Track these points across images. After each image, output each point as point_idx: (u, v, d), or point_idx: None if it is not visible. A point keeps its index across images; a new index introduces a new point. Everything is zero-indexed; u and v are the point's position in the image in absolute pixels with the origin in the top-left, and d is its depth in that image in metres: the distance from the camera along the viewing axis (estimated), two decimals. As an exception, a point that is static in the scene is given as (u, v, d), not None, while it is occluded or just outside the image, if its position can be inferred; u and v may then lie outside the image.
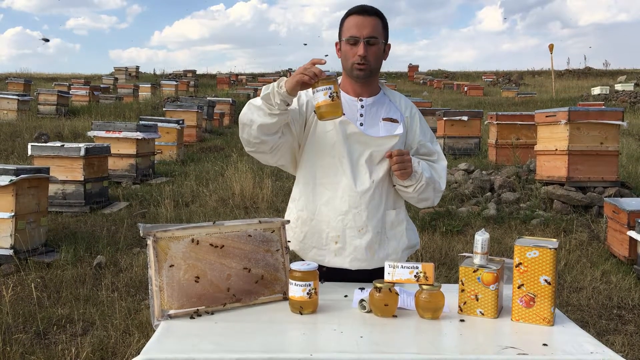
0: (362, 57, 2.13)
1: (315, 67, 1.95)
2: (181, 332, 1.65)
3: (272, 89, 2.03)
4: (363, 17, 2.15)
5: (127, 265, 5.16)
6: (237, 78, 32.75)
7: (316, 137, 2.20)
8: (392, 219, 2.24)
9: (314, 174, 2.23)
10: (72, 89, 20.90)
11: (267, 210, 7.08)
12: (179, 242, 1.82)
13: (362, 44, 2.13)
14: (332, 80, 1.95)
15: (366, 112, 2.22)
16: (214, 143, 13.31)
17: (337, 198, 2.19)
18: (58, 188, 6.96)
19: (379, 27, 2.16)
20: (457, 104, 20.83)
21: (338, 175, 2.18)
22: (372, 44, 2.14)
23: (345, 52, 2.18)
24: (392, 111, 2.25)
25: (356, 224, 2.18)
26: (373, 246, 2.20)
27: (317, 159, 2.21)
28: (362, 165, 2.18)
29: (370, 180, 2.18)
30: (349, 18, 2.18)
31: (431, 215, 6.65)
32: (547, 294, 1.74)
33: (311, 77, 1.94)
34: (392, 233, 2.24)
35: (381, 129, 2.20)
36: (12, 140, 12.06)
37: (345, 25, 2.19)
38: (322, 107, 1.96)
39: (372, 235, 2.19)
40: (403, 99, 2.33)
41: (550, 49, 23.58)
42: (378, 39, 2.15)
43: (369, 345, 1.58)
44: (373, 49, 2.15)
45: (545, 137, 7.43)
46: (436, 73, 37.38)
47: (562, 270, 5.10)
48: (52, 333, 3.80)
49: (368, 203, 2.18)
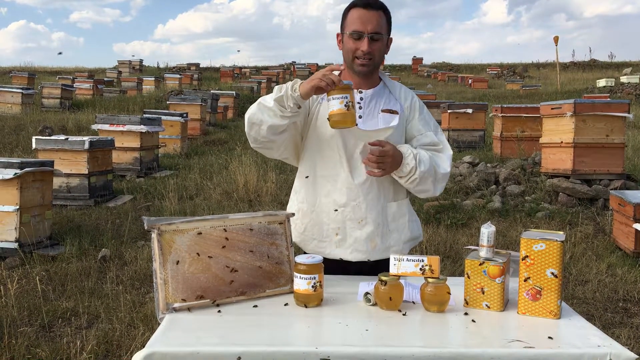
0: (366, 53, 2.11)
1: (333, 75, 1.94)
2: (186, 325, 1.65)
3: (286, 92, 2.02)
4: (367, 11, 2.11)
5: (131, 258, 5.17)
6: (241, 71, 32.70)
7: (317, 129, 2.20)
8: (393, 210, 2.24)
9: (314, 166, 2.23)
10: (76, 83, 20.90)
11: (272, 203, 7.07)
12: (184, 235, 1.81)
13: (366, 39, 2.10)
14: (348, 89, 1.92)
15: (365, 104, 2.21)
16: (217, 136, 13.30)
17: (336, 190, 2.19)
18: (62, 181, 6.97)
19: (383, 21, 2.13)
20: (462, 97, 20.75)
21: (337, 168, 2.19)
22: (376, 39, 2.12)
23: (348, 45, 2.15)
24: (391, 102, 2.24)
25: (355, 215, 2.18)
26: (374, 238, 2.19)
27: (317, 151, 2.22)
28: (357, 158, 2.18)
29: (366, 173, 2.17)
30: (353, 10, 2.14)
31: (436, 208, 6.63)
32: (553, 286, 1.73)
33: (329, 84, 1.93)
34: (394, 225, 2.23)
35: (380, 120, 2.19)
36: (16, 133, 12.08)
37: (348, 18, 2.15)
38: (336, 116, 1.93)
39: (372, 227, 2.18)
40: (403, 89, 2.31)
41: (555, 41, 23.44)
42: (382, 34, 2.13)
43: (374, 339, 1.58)
44: (377, 45, 2.13)
45: (550, 130, 7.40)
46: (440, 66, 37.21)
47: (567, 263, 5.08)
48: (57, 326, 3.81)
49: (366, 195, 2.17)
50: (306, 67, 32.05)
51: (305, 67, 32.03)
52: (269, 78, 24.72)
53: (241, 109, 18.05)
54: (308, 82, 1.98)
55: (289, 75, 31.36)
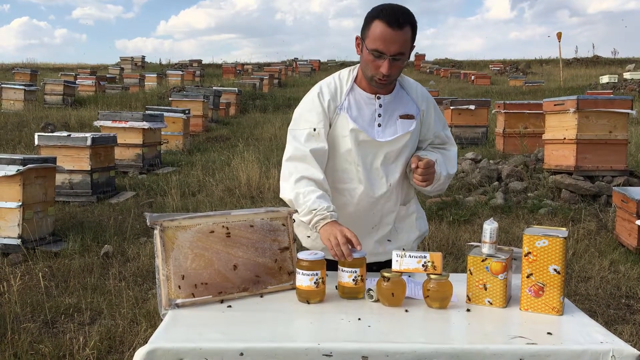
0: (385, 74, 2.00)
1: (345, 248, 1.84)
2: (188, 321, 1.65)
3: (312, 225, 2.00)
4: (393, 31, 1.94)
5: (134, 254, 5.17)
6: (243, 68, 32.68)
7: (335, 140, 2.15)
8: (402, 213, 2.25)
9: (331, 177, 2.18)
10: (79, 79, 20.94)
11: (274, 200, 7.07)
12: (186, 231, 1.81)
13: (387, 61, 1.97)
14: (360, 264, 1.85)
15: (384, 111, 2.15)
16: (220, 133, 13.30)
17: (352, 205, 2.17)
18: (65, 178, 6.98)
19: (407, 40, 1.98)
20: (464, 93, 20.70)
21: (354, 182, 2.15)
22: (398, 59, 1.99)
23: (367, 60, 2.02)
24: (408, 106, 2.19)
25: (369, 223, 2.18)
26: (383, 241, 2.20)
27: (334, 163, 2.17)
28: (376, 169, 2.15)
29: (387, 184, 2.16)
30: (377, 23, 1.96)
31: (438, 205, 6.63)
32: (556, 283, 1.72)
33: (340, 256, 1.86)
34: (401, 226, 2.24)
35: (398, 127, 2.15)
36: (19, 130, 12.10)
37: (372, 30, 1.97)
38: (345, 289, 1.87)
39: (385, 231, 2.20)
40: (419, 89, 2.25)
41: (558, 37, 23.38)
42: (405, 54, 2.00)
43: (377, 335, 1.58)
44: (397, 64, 2.01)
45: (553, 126, 7.38)
46: (443, 62, 37.18)
47: (570, 260, 5.07)
48: (60, 322, 3.82)
49: (384, 205, 2.18)
50: (308, 63, 32.04)
51: (307, 63, 32.02)
52: (271, 74, 24.70)
53: (243, 106, 18.06)
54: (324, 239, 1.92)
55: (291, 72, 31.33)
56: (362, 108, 2.14)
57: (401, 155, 2.17)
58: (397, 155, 2.16)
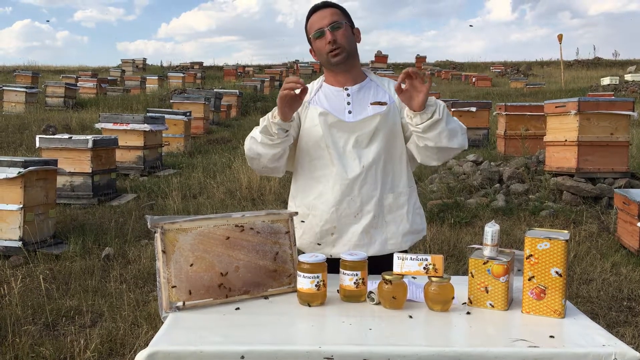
0: (332, 42, 2.16)
1: (291, 78, 1.99)
2: (189, 324, 1.65)
3: (268, 121, 2.08)
4: (320, 11, 2.21)
5: (135, 257, 5.17)
6: (244, 70, 32.71)
7: (306, 132, 2.22)
8: (390, 202, 2.22)
9: (306, 168, 2.25)
10: (80, 81, 20.96)
11: (275, 202, 7.07)
12: (187, 234, 1.81)
13: (328, 32, 2.17)
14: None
15: (353, 99, 2.23)
16: (221, 135, 13.31)
17: (328, 189, 2.19)
18: (66, 180, 6.98)
19: (338, 13, 2.22)
20: (465, 95, 20.71)
21: (328, 167, 2.20)
22: (337, 27, 2.18)
23: (317, 48, 2.22)
24: (379, 94, 2.25)
25: (351, 210, 2.18)
26: (369, 230, 2.19)
27: (308, 153, 2.23)
28: (349, 152, 2.19)
29: (360, 166, 2.17)
30: (309, 20, 2.25)
31: (439, 207, 6.62)
32: (558, 286, 1.72)
33: (291, 88, 1.97)
34: (390, 217, 2.22)
35: (369, 112, 2.20)
36: (20, 132, 12.11)
37: (308, 27, 2.25)
38: (346, 292, 1.84)
39: (368, 219, 2.18)
40: (392, 82, 2.28)
41: (559, 39, 23.38)
42: (341, 22, 2.19)
43: (378, 338, 1.57)
44: (340, 32, 2.18)
45: (554, 128, 7.37)
46: (444, 64, 37.14)
47: (571, 262, 5.07)
48: (60, 324, 3.81)
49: (360, 188, 2.18)
50: (309, 65, 32.01)
51: (308, 65, 31.99)
52: (272, 77, 24.71)
53: (244, 108, 18.07)
54: (278, 102, 2.02)
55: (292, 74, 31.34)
56: (331, 99, 2.24)
57: (374, 140, 2.18)
58: (369, 139, 2.18)
